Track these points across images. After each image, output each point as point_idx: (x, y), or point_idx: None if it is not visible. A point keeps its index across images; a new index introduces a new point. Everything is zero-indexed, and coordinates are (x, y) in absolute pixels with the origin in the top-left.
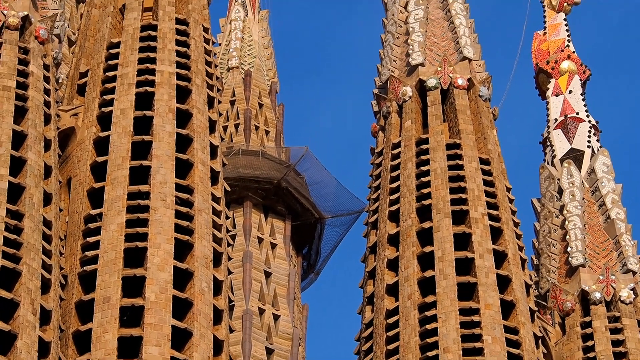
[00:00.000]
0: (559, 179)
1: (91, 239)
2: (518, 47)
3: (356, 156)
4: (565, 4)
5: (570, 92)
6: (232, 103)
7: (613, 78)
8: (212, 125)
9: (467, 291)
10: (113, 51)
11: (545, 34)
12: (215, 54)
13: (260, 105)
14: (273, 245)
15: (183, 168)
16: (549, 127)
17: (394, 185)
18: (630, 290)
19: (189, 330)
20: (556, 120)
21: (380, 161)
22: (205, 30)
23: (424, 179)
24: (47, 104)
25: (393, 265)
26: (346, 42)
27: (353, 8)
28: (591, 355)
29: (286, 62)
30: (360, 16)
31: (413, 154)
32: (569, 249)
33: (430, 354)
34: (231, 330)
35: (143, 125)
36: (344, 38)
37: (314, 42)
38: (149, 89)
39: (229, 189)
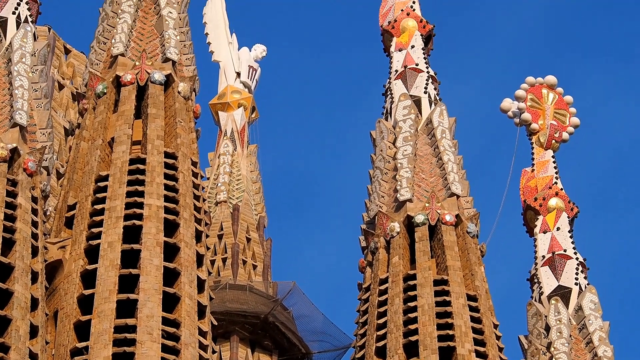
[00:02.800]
0: (546, 316)
1: None
2: (506, 183)
3: (343, 291)
4: (554, 141)
5: (558, 229)
6: (220, 237)
7: (601, 215)
8: (199, 259)
9: None
10: (101, 184)
11: (533, 171)
12: (203, 188)
13: (248, 240)
14: None
15: (170, 301)
16: (536, 264)
17: (381, 321)
18: None
19: None
20: (544, 257)
21: (367, 297)
22: (194, 164)
23: (411, 315)
24: (34, 237)
25: None
26: (334, 177)
27: (341, 144)
28: None
29: (274, 196)
30: (349, 152)
31: (400, 289)
32: None
33: None
34: None
35: (130, 258)
36: (332, 173)
37: (302, 177)
38: (137, 222)
39: (216, 323)
